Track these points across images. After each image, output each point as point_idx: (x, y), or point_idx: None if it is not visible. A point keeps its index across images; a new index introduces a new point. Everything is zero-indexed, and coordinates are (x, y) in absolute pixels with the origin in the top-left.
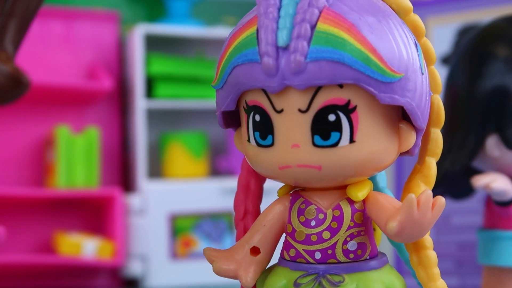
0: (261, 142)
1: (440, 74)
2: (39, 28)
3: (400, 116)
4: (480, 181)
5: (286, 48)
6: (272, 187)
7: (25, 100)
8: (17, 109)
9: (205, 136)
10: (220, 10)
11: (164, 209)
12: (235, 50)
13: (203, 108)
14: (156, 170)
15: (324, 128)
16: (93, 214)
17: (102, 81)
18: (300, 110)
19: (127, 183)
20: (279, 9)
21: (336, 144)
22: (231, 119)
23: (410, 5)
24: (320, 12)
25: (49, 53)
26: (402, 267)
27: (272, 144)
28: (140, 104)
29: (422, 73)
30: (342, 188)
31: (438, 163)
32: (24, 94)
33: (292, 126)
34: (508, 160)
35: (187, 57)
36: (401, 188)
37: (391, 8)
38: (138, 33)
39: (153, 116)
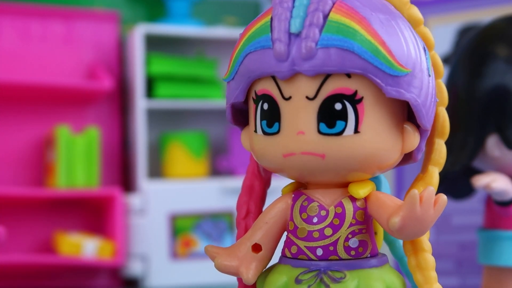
0: (267, 130)
1: None
2: (39, 28)
3: (405, 117)
4: (480, 181)
5: (298, 35)
6: (275, 187)
7: (25, 100)
8: (17, 109)
9: (205, 136)
10: (220, 10)
11: (164, 209)
12: (248, 39)
13: (203, 108)
14: (156, 170)
15: (330, 116)
16: (93, 214)
17: (102, 81)
18: (307, 98)
19: (127, 183)
20: (293, 0)
21: (341, 133)
22: (240, 116)
23: (421, 17)
24: (334, 4)
25: (49, 53)
26: None
27: (278, 132)
28: (140, 104)
29: (429, 75)
30: (344, 186)
31: None
32: None
33: (299, 113)
34: (508, 160)
35: (187, 57)
36: (402, 198)
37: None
38: (138, 33)
39: (153, 116)
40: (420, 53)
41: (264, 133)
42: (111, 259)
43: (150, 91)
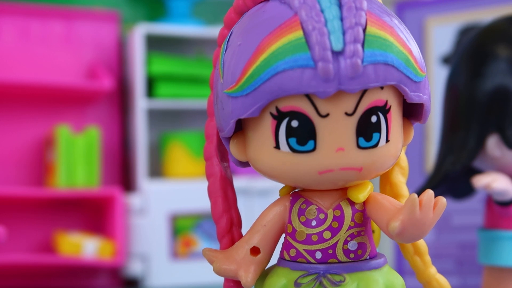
0: (298, 148)
1: (441, 74)
2: (39, 27)
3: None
4: (480, 181)
5: (340, 52)
6: (271, 188)
7: (25, 100)
8: (17, 109)
9: None
10: (220, 9)
11: (165, 209)
12: (276, 56)
13: (204, 108)
14: (157, 170)
15: (367, 129)
16: (93, 214)
17: (103, 80)
18: (346, 114)
19: (127, 183)
20: (322, 12)
21: (376, 145)
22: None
23: None
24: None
25: (50, 53)
26: (402, 268)
27: (313, 149)
28: (141, 104)
29: None
30: (342, 189)
31: (439, 163)
32: None
33: (338, 130)
34: (508, 160)
35: (187, 56)
36: None
37: None
38: (139, 32)
39: (154, 116)
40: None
41: (294, 150)
42: (111, 259)
43: (150, 91)
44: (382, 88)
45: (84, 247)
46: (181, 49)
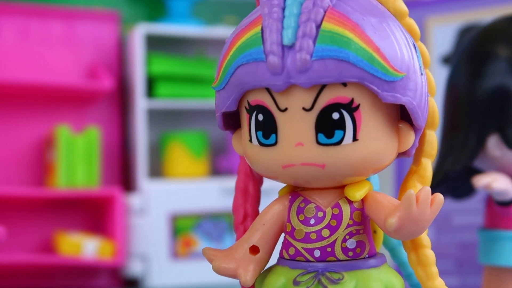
0: (264, 141)
1: (441, 74)
2: (39, 28)
3: (399, 116)
4: (481, 181)
5: (291, 47)
6: (271, 188)
7: (25, 100)
8: (17, 109)
9: (206, 136)
10: (220, 9)
11: (165, 209)
12: (238, 50)
13: (204, 108)
14: (157, 170)
15: (328, 126)
16: (94, 214)
17: (103, 80)
18: (304, 109)
19: (127, 183)
20: (283, 9)
21: (339, 142)
22: (230, 121)
23: (406, 9)
24: (325, 12)
25: (49, 53)
26: None
27: (275, 143)
28: (141, 104)
29: (422, 74)
30: (341, 187)
31: (439, 163)
32: None
33: (296, 124)
34: (509, 160)
35: (187, 56)
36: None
37: (388, 11)
38: (139, 32)
39: (154, 115)
40: (412, 53)
41: (261, 144)
42: (111, 259)
43: (150, 91)
44: (345, 85)
45: (84, 247)
46: (181, 49)
